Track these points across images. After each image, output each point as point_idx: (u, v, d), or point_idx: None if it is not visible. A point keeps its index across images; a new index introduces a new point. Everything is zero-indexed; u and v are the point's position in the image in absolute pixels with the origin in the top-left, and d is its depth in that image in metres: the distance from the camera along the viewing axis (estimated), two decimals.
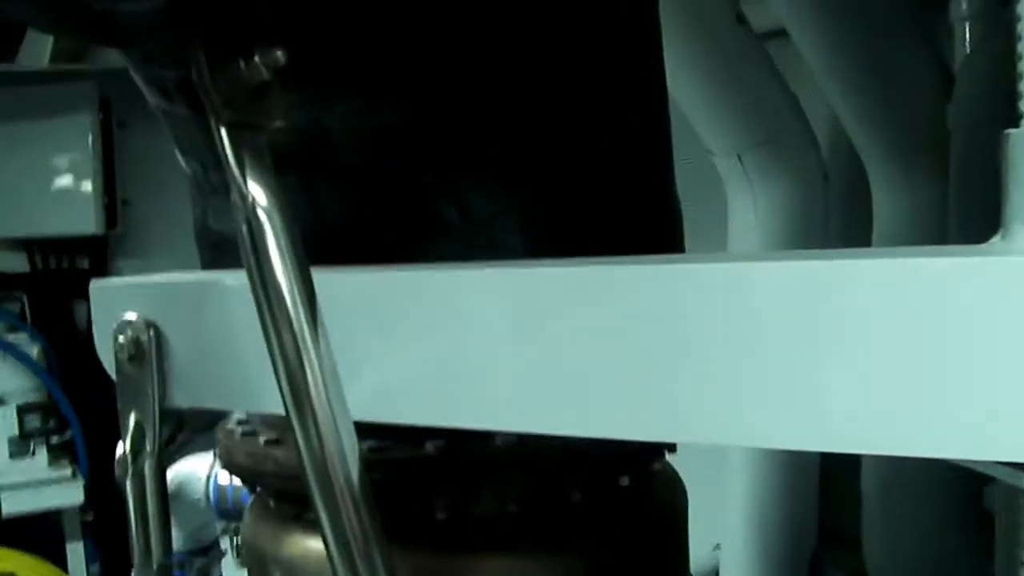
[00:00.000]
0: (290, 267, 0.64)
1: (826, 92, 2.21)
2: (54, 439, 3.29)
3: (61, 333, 4.16)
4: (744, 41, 2.34)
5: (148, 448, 0.90)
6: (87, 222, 4.38)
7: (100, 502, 3.45)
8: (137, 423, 0.90)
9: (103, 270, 4.78)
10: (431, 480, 0.93)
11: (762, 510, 2.48)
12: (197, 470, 1.81)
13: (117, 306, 0.90)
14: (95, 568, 3.47)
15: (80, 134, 4.34)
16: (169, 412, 0.91)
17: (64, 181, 4.38)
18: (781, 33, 2.28)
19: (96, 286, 0.95)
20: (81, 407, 3.53)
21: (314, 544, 0.93)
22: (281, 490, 1.03)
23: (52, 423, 3.27)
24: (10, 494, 3.19)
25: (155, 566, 0.91)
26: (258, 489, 1.08)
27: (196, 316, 0.87)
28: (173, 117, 0.99)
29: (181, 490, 1.80)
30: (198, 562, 2.18)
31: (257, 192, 0.65)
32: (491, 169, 0.94)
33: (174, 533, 1.84)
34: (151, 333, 0.88)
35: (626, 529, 1.03)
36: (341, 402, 0.64)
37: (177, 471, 1.83)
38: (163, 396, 0.89)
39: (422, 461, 0.91)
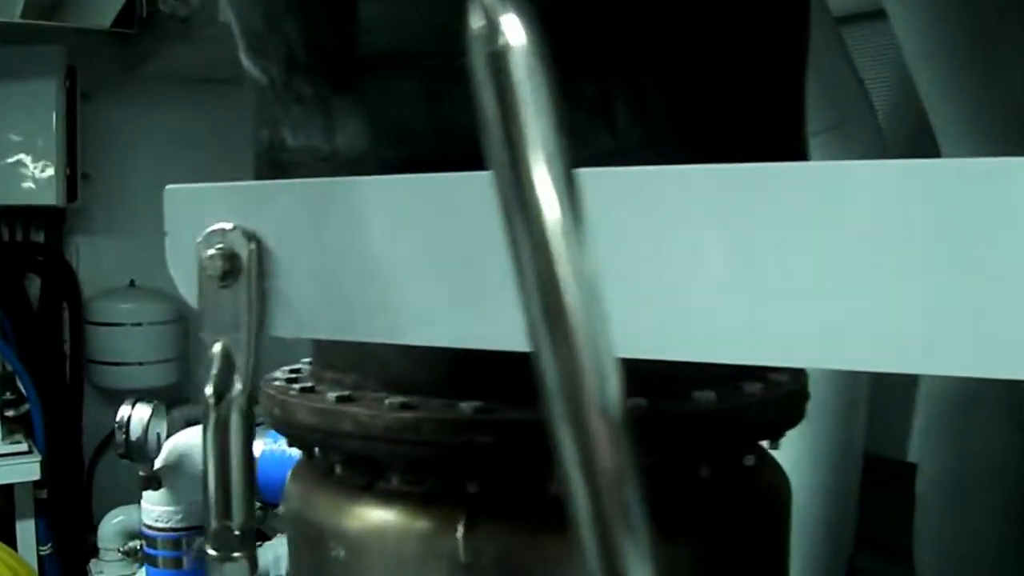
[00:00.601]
0: (548, 129, 0.46)
1: (915, 73, 2.09)
2: (9, 412, 3.04)
3: (15, 306, 3.90)
4: (822, 25, 2.22)
5: (238, 387, 0.72)
6: (46, 194, 4.14)
7: (56, 479, 3.22)
8: (224, 355, 0.73)
9: (59, 244, 4.53)
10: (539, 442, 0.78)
11: (796, 511, 2.34)
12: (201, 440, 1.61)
13: (203, 213, 0.73)
14: (46, 548, 3.22)
15: (44, 102, 4.10)
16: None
17: (24, 149, 4.11)
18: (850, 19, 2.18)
19: (174, 190, 0.77)
20: (37, 381, 3.29)
21: (390, 517, 0.82)
22: (354, 454, 0.86)
23: (8, 395, 3.02)
24: None
25: (236, 531, 0.73)
26: (315, 453, 0.90)
27: (312, 226, 0.70)
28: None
29: (182, 461, 1.60)
30: (197, 542, 1.94)
31: (511, 24, 0.46)
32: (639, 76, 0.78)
33: (172, 508, 1.64)
34: (252, 246, 0.71)
35: (748, 511, 0.89)
36: (605, 328, 0.46)
37: (176, 441, 1.62)
38: (261, 323, 0.72)
39: (532, 423, 0.76)
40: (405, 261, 0.67)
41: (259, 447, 1.60)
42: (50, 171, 4.10)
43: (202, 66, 4.46)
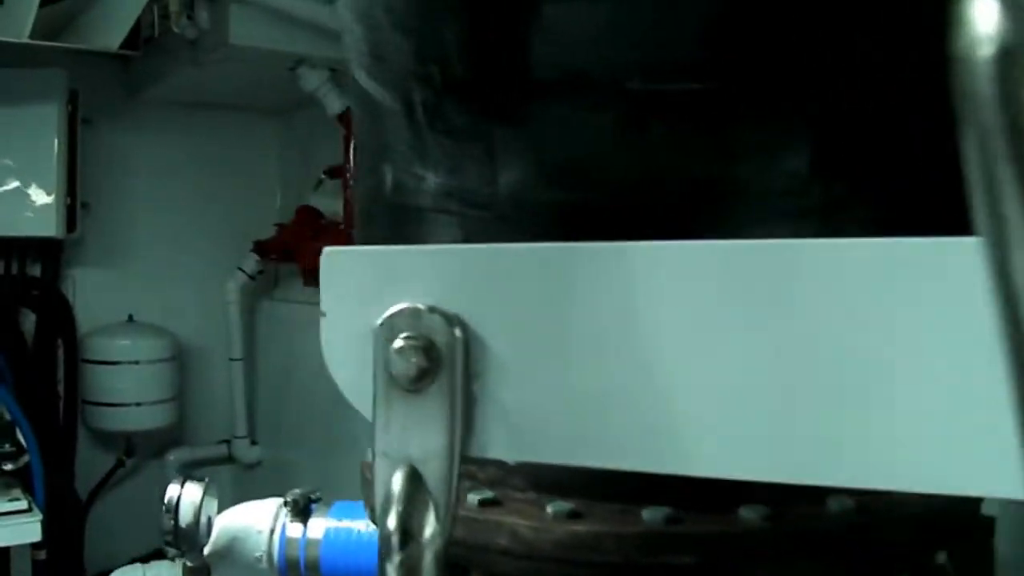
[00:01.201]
0: None
1: None
2: (8, 465, 2.82)
3: (10, 345, 3.68)
4: None
5: (432, 526, 0.54)
6: (45, 224, 3.94)
7: (55, 539, 2.99)
8: (412, 482, 0.54)
9: (55, 277, 4.32)
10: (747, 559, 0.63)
11: None
12: (256, 521, 1.41)
13: (382, 286, 0.55)
14: None
15: (45, 127, 3.91)
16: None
17: (22, 177, 3.92)
18: None
19: (335, 253, 0.59)
20: (35, 428, 3.08)
21: None
22: (500, 572, 0.69)
23: (7, 446, 2.79)
24: None
25: None
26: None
27: (543, 308, 0.52)
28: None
29: (233, 547, 1.40)
30: None
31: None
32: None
33: None
34: (457, 333, 0.53)
35: None
36: None
37: (225, 522, 1.42)
38: (467, 440, 0.53)
39: (739, 537, 0.62)
40: (690, 361, 0.49)
41: (320, 527, 1.40)
42: (49, 200, 3.91)
43: (209, 90, 4.32)
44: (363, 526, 1.37)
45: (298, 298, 4.57)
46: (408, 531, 0.54)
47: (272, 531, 1.40)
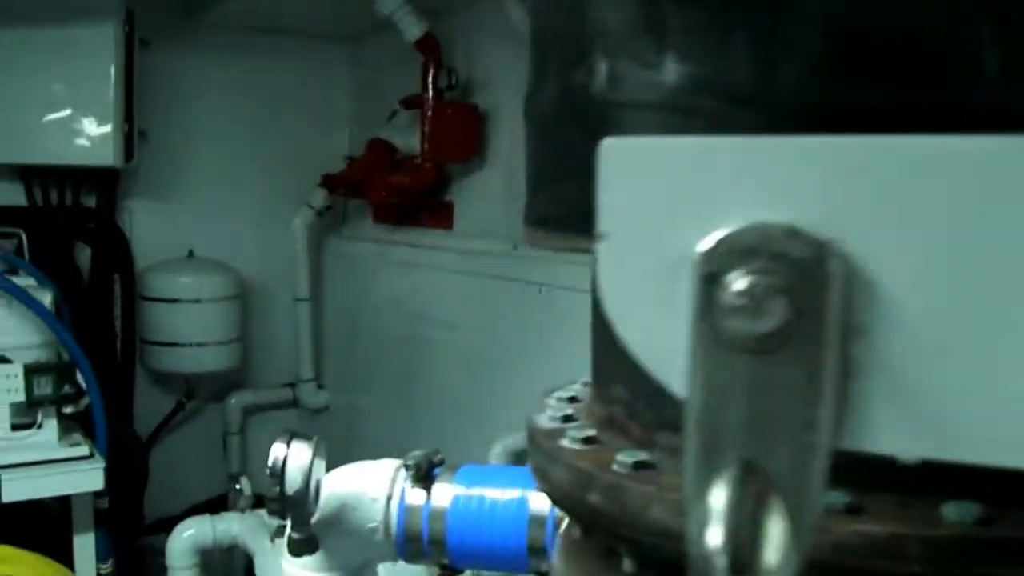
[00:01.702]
0: None
1: None
2: (68, 408, 2.71)
3: (65, 282, 3.58)
4: None
5: (778, 553, 0.37)
6: (102, 153, 3.81)
7: (117, 487, 2.90)
8: (748, 478, 0.37)
9: (111, 209, 4.21)
10: None
11: None
12: (370, 486, 1.26)
13: (703, 194, 0.38)
14: (107, 567, 2.90)
15: (100, 49, 3.76)
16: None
17: (77, 102, 3.79)
18: None
19: (617, 146, 0.42)
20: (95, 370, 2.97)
21: None
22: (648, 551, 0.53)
23: (67, 388, 2.68)
24: (12, 476, 2.60)
25: None
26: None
27: (963, 236, 0.35)
28: None
29: (343, 513, 1.26)
30: None
31: None
32: None
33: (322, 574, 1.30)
34: (832, 268, 0.36)
35: None
36: None
37: (333, 486, 1.28)
38: (843, 426, 0.37)
39: None
40: None
41: (447, 494, 1.25)
42: (106, 128, 3.77)
43: (276, 12, 4.15)
44: (496, 494, 1.21)
45: (368, 236, 4.44)
46: (741, 557, 0.38)
47: (389, 498, 1.25)
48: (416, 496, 1.23)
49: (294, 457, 1.15)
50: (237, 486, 3.08)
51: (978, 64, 0.43)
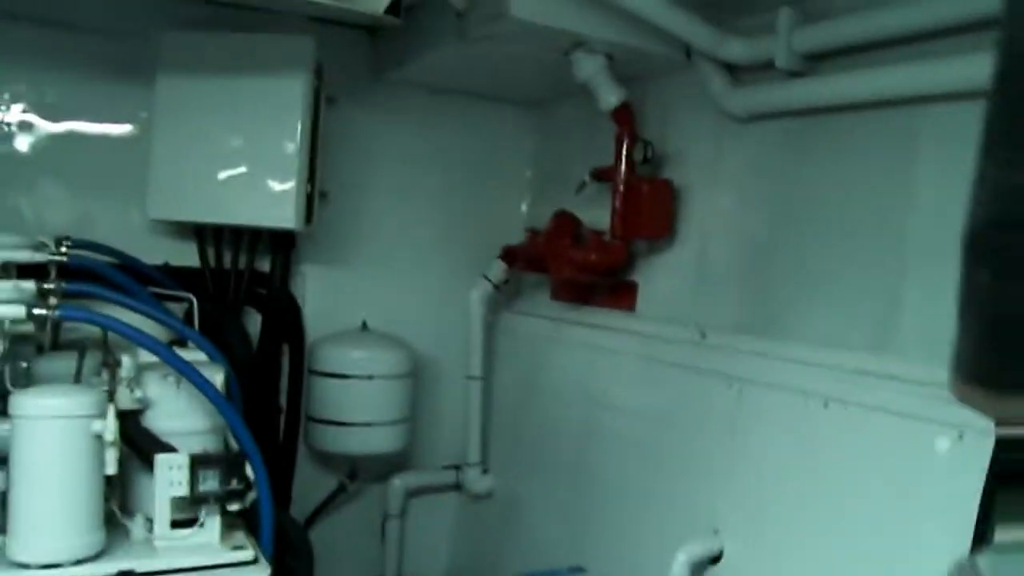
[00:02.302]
0: None
1: None
2: (234, 505, 2.41)
3: (233, 352, 3.32)
4: None
5: None
6: (283, 214, 3.56)
7: None
8: None
9: (286, 274, 3.99)
10: None
11: None
12: None
13: None
14: None
15: (287, 104, 3.54)
16: None
17: (259, 158, 3.55)
18: None
19: None
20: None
21: None
22: None
23: (235, 483, 2.38)
24: None
25: None
26: None
27: None
28: None
29: None
30: None
31: None
32: None
33: None
34: None
35: None
36: None
37: None
38: None
39: None
40: None
41: None
42: (289, 187, 3.53)
43: (464, 73, 3.96)
44: None
45: (544, 312, 4.13)
46: None
47: None
48: None
49: None
50: None
51: None
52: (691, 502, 3.07)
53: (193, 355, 2.74)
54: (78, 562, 2.34)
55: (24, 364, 2.63)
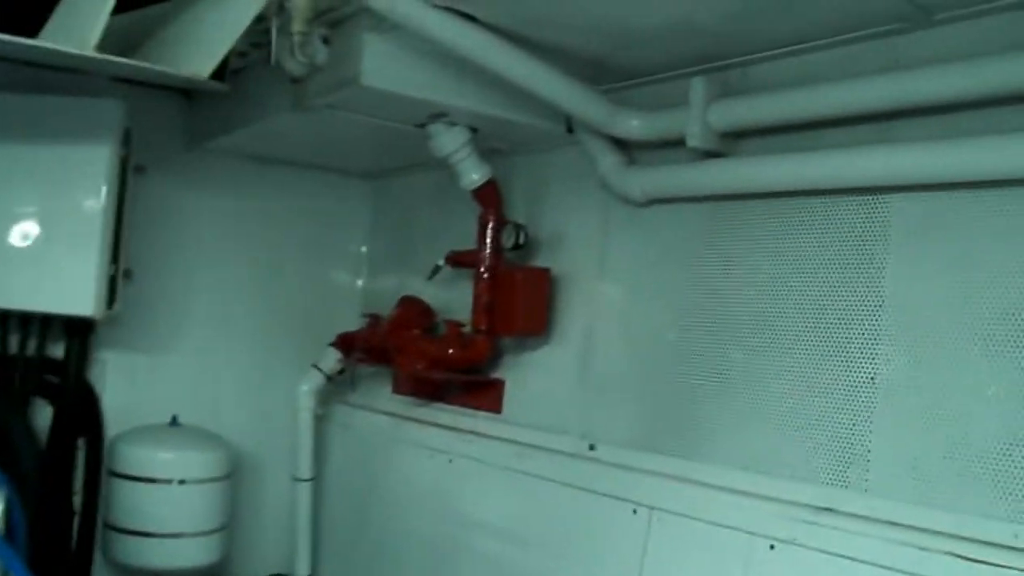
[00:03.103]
0: None
1: None
2: None
3: (19, 459, 2.77)
4: None
5: None
6: (80, 299, 3.05)
7: None
8: None
9: (82, 361, 3.42)
10: None
11: None
12: None
13: None
14: None
15: (91, 171, 3.06)
16: None
17: (56, 234, 3.03)
18: None
19: None
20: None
21: None
22: None
23: None
24: None
25: None
26: None
27: None
28: None
29: None
30: None
31: None
32: None
33: None
34: None
35: None
36: None
37: None
38: None
39: None
40: None
41: None
42: (89, 266, 3.02)
43: (295, 143, 3.51)
44: None
45: (386, 407, 3.70)
46: None
47: None
48: None
49: None
50: None
51: None
52: None
53: None
54: None
55: None
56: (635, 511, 2.56)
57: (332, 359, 3.68)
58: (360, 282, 4.18)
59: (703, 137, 2.47)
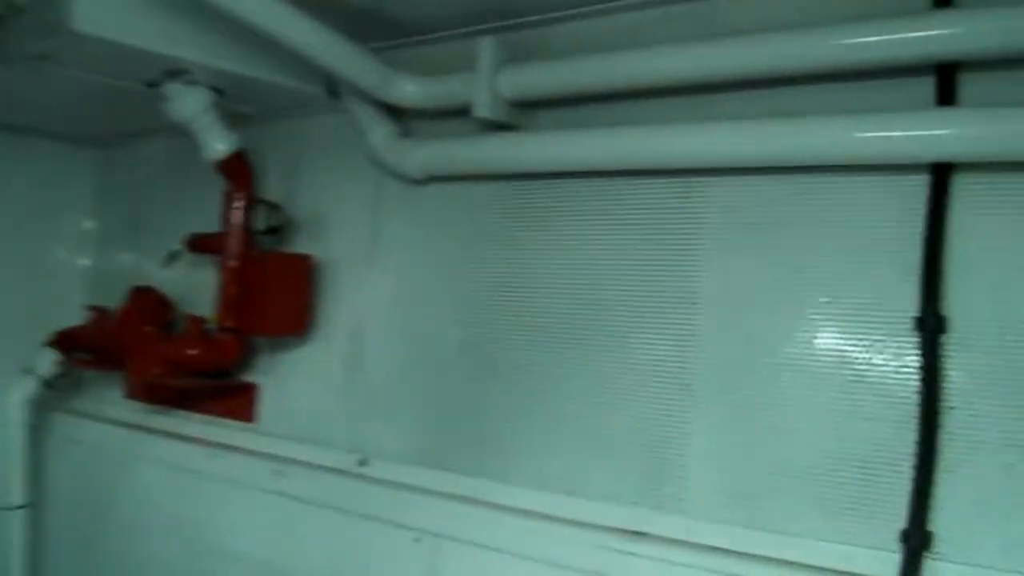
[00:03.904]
0: None
1: None
2: None
3: None
4: None
5: None
6: None
7: None
8: None
9: None
10: None
11: None
12: None
13: None
14: None
15: None
16: None
17: None
18: None
19: None
20: None
21: None
22: None
23: None
24: None
25: None
26: None
27: None
28: None
29: None
30: None
31: None
32: None
33: None
34: None
35: None
36: None
37: None
38: None
39: None
40: None
41: None
42: None
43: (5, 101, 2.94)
44: None
45: (117, 415, 3.19)
46: None
47: None
48: None
49: None
50: None
51: None
52: None
53: None
54: None
55: None
56: (418, 539, 2.22)
57: (48, 361, 3.12)
58: (85, 262, 3.62)
59: (491, 106, 2.15)
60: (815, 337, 1.79)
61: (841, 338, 1.77)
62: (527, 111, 2.21)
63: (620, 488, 1.99)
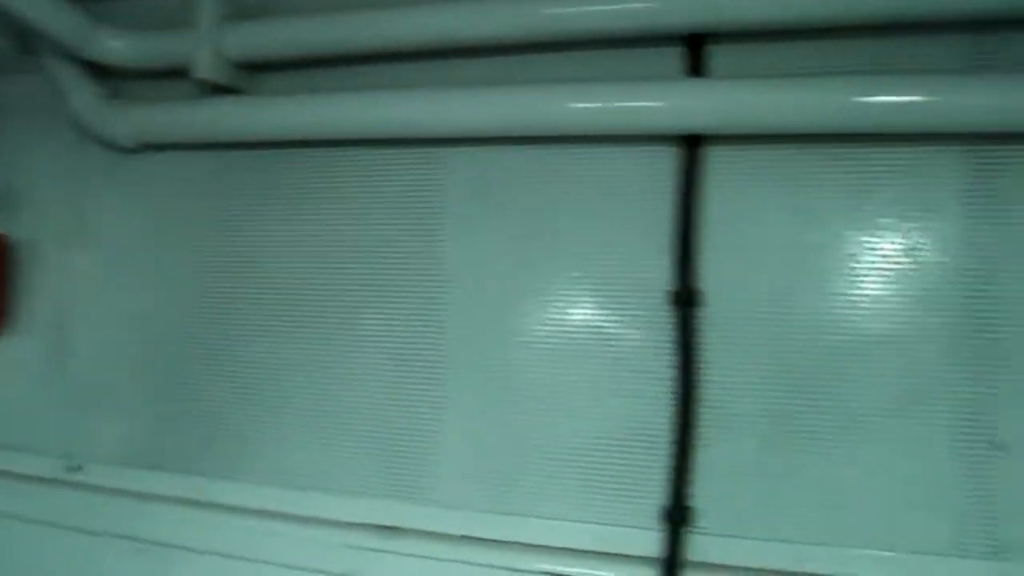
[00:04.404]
0: None
1: None
2: None
3: None
4: None
5: None
6: None
7: None
8: None
9: None
10: None
11: None
12: None
13: None
14: None
15: None
16: None
17: None
18: None
19: None
20: None
21: None
22: None
23: None
24: None
25: None
26: None
27: None
28: None
29: None
30: None
31: None
32: None
33: None
34: None
35: None
36: None
37: None
38: None
39: None
40: None
41: None
42: None
43: None
44: None
45: None
46: None
47: None
48: None
49: None
50: None
51: None
52: None
53: None
54: None
55: None
56: (141, 550, 2.01)
57: None
58: None
59: (213, 67, 1.96)
60: (568, 313, 1.74)
61: (595, 314, 1.73)
62: (254, 74, 2.03)
63: (366, 480, 1.87)
